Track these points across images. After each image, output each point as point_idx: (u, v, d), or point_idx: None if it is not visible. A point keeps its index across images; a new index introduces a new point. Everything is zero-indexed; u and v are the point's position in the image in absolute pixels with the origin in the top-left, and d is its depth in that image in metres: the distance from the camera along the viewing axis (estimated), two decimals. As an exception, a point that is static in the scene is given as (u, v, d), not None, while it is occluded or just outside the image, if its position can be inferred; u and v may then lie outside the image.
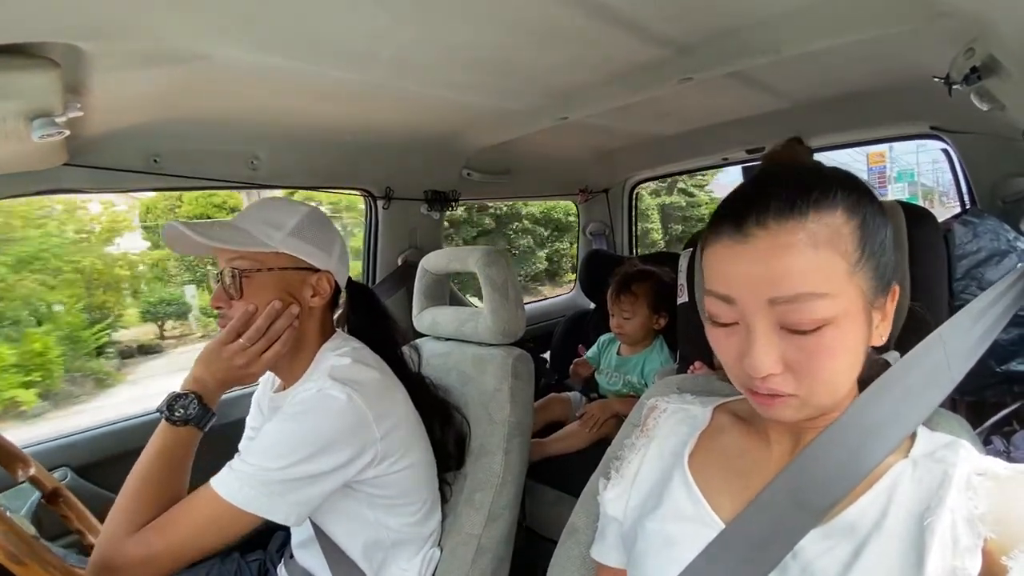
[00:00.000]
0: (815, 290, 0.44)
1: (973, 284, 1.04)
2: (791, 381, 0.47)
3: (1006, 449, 1.05)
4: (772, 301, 0.45)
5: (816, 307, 0.44)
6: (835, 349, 0.46)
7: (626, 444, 0.67)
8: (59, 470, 1.10)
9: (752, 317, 0.47)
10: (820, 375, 0.47)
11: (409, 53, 0.86)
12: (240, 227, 0.84)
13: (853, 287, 0.46)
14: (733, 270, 0.48)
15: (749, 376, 0.48)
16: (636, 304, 1.63)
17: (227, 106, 1.03)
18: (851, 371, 0.49)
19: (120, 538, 0.69)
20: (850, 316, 0.46)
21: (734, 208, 0.49)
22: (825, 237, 0.45)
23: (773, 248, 0.45)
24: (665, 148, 1.96)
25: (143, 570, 0.69)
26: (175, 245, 0.86)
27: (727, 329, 0.50)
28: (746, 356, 0.47)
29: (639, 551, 0.57)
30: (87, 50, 0.68)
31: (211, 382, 0.79)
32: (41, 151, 0.89)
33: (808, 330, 0.45)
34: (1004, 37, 0.70)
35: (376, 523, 0.86)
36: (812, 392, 0.47)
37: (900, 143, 9.25)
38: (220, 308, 0.84)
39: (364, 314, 0.99)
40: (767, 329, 0.46)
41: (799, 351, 0.46)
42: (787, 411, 0.49)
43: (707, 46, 0.94)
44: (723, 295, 0.49)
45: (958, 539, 0.42)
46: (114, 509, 0.72)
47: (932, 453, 0.49)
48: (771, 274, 0.45)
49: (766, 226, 0.46)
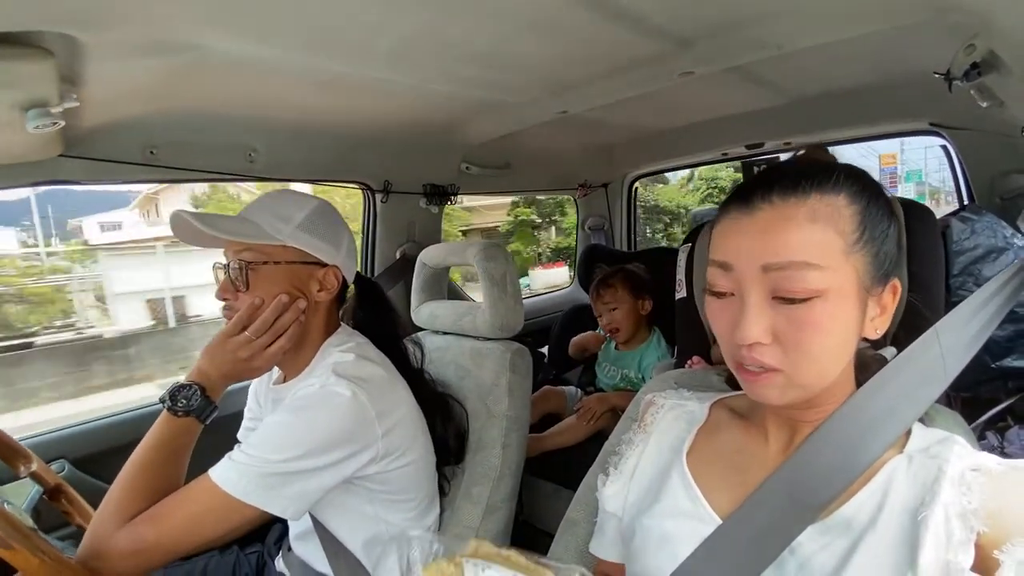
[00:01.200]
0: (808, 260, 0.46)
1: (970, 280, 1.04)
2: (778, 353, 0.48)
3: (1000, 445, 1.06)
4: (766, 268, 0.47)
5: (808, 277, 0.46)
6: (823, 324, 0.47)
7: (624, 439, 0.67)
8: (56, 462, 1.10)
9: (747, 285, 0.48)
10: (806, 349, 0.47)
11: (408, 45, 0.85)
12: (249, 219, 0.84)
13: (848, 266, 0.47)
14: (734, 239, 0.50)
15: (738, 347, 0.49)
16: (617, 293, 1.67)
17: (224, 98, 1.02)
18: (839, 354, 0.49)
19: (111, 527, 0.69)
20: (842, 295, 0.47)
21: (744, 188, 0.51)
22: (825, 214, 0.47)
23: (774, 219, 0.48)
24: (664, 143, 1.96)
25: (133, 560, 0.68)
26: (182, 235, 0.85)
27: (723, 301, 0.51)
28: (737, 326, 0.48)
29: (637, 547, 0.58)
30: (82, 40, 0.67)
31: (215, 375, 0.79)
32: (36, 142, 0.88)
33: (799, 299, 0.46)
34: (1005, 33, 0.70)
35: (375, 517, 0.86)
36: (797, 368, 0.48)
37: (910, 145, 9.11)
38: (227, 299, 0.83)
39: (370, 309, 0.99)
40: (759, 299, 0.48)
41: (788, 322, 0.47)
42: (773, 390, 0.49)
43: (708, 40, 0.93)
44: (722, 262, 0.51)
45: (951, 534, 0.43)
46: (107, 498, 0.72)
47: (927, 449, 0.50)
48: (769, 243, 0.47)
49: (771, 201, 0.48)
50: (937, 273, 0.71)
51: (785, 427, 0.55)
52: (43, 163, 1.00)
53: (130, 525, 0.69)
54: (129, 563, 0.68)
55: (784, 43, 0.94)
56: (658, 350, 1.65)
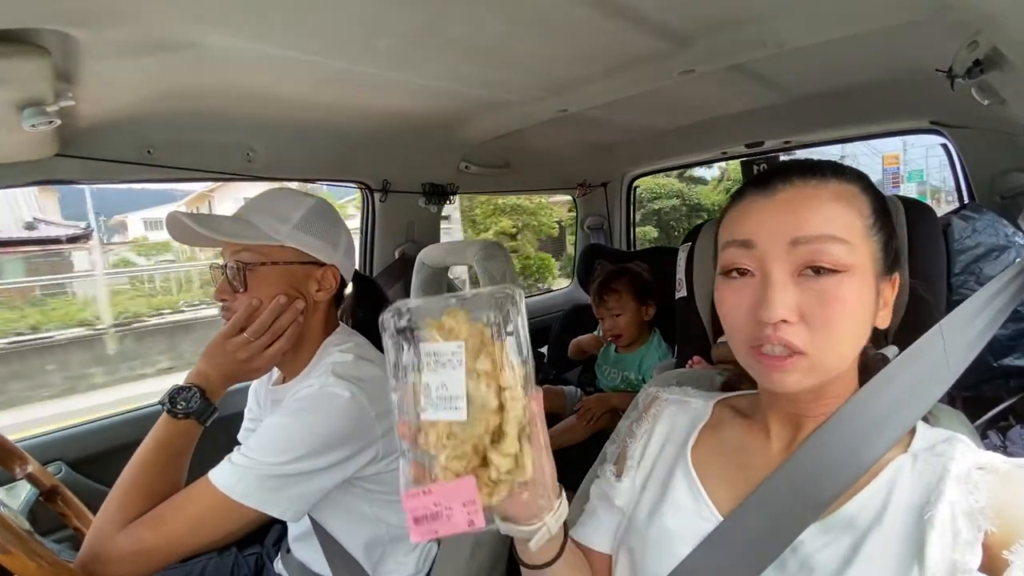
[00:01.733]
0: (837, 234, 0.47)
1: (971, 279, 1.03)
2: (803, 333, 0.46)
3: (1002, 444, 1.06)
4: (795, 241, 0.47)
5: (838, 250, 0.46)
6: (849, 300, 0.46)
7: (626, 433, 0.67)
8: (53, 464, 1.10)
9: (771, 263, 0.48)
10: (834, 327, 0.46)
11: (407, 43, 0.84)
12: (245, 219, 0.83)
13: (867, 247, 0.48)
14: (756, 217, 0.50)
15: (761, 328, 0.47)
16: (621, 299, 1.63)
17: (222, 96, 1.01)
18: (859, 337, 0.49)
19: (111, 530, 0.68)
20: (864, 275, 0.48)
21: (760, 175, 0.52)
22: (847, 196, 0.49)
23: (799, 198, 0.49)
24: (664, 142, 1.96)
25: (134, 563, 0.68)
26: (179, 236, 0.84)
27: (740, 281, 0.50)
28: (761, 304, 0.47)
29: (638, 544, 0.57)
30: (78, 37, 0.66)
31: (214, 376, 0.78)
32: (32, 141, 0.87)
33: (827, 271, 0.46)
34: (1009, 30, 0.70)
35: (375, 519, 0.86)
36: (823, 351, 0.47)
37: (912, 146, 9.28)
38: (224, 300, 0.83)
39: (369, 308, 0.98)
40: (785, 276, 0.47)
41: (815, 298, 0.46)
42: (794, 375, 0.47)
43: (709, 38, 0.93)
44: (743, 240, 0.50)
45: (958, 533, 0.42)
46: (107, 500, 0.71)
47: (932, 447, 0.49)
48: (796, 218, 0.48)
49: (791, 182, 0.49)
50: (939, 272, 0.70)
51: (788, 424, 0.55)
52: (39, 162, 1.00)
53: (130, 528, 0.68)
54: (130, 566, 0.68)
55: (785, 41, 0.93)
56: (658, 351, 1.64)
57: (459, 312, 0.39)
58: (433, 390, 0.38)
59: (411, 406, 0.39)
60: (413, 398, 0.39)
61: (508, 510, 0.45)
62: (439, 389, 0.38)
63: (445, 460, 0.38)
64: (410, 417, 0.39)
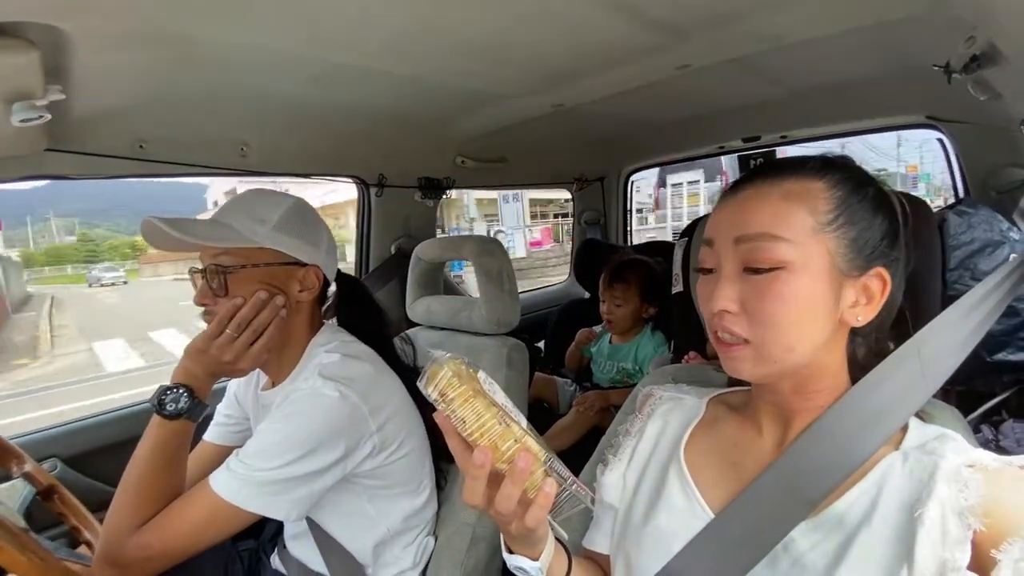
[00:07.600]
0: (774, 232, 0.49)
1: (967, 274, 1.04)
2: (744, 323, 0.50)
3: (994, 438, 1.07)
4: (738, 240, 0.51)
5: (774, 248, 0.49)
6: (786, 295, 0.48)
7: (620, 430, 0.67)
8: (48, 461, 1.09)
9: (723, 258, 0.52)
10: (770, 319, 0.49)
11: (401, 37, 0.83)
12: (223, 222, 0.82)
13: (817, 244, 0.49)
14: (717, 217, 0.55)
15: (712, 317, 0.52)
16: (628, 292, 1.65)
17: (215, 90, 1.00)
18: (805, 330, 0.49)
19: (122, 536, 0.71)
20: (809, 271, 0.49)
21: (739, 178, 0.56)
22: (798, 194, 0.50)
23: (752, 198, 0.52)
24: (661, 137, 1.95)
25: (144, 567, 0.71)
26: (155, 241, 0.81)
27: (707, 277, 0.54)
28: (710, 296, 0.52)
29: (631, 541, 0.58)
30: (67, 30, 0.65)
31: (201, 374, 0.78)
32: (22, 136, 0.86)
33: (764, 269, 0.49)
34: (1006, 26, 0.69)
35: (375, 516, 0.86)
36: (763, 340, 0.49)
37: (928, 156, 9.73)
38: (206, 305, 0.81)
39: (355, 306, 0.98)
40: (731, 271, 0.51)
41: (754, 292, 0.50)
42: (744, 364, 0.51)
43: (705, 32, 0.92)
44: (707, 239, 0.55)
45: (948, 531, 0.43)
46: (114, 505, 0.73)
47: (923, 445, 0.49)
48: (742, 217, 0.51)
49: (753, 182, 0.53)
50: (934, 267, 0.70)
51: (778, 420, 0.55)
52: (29, 157, 0.98)
53: (138, 534, 0.70)
54: (139, 570, 0.71)
55: (782, 35, 0.93)
56: (652, 340, 1.65)
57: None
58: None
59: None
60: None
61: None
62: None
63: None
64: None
